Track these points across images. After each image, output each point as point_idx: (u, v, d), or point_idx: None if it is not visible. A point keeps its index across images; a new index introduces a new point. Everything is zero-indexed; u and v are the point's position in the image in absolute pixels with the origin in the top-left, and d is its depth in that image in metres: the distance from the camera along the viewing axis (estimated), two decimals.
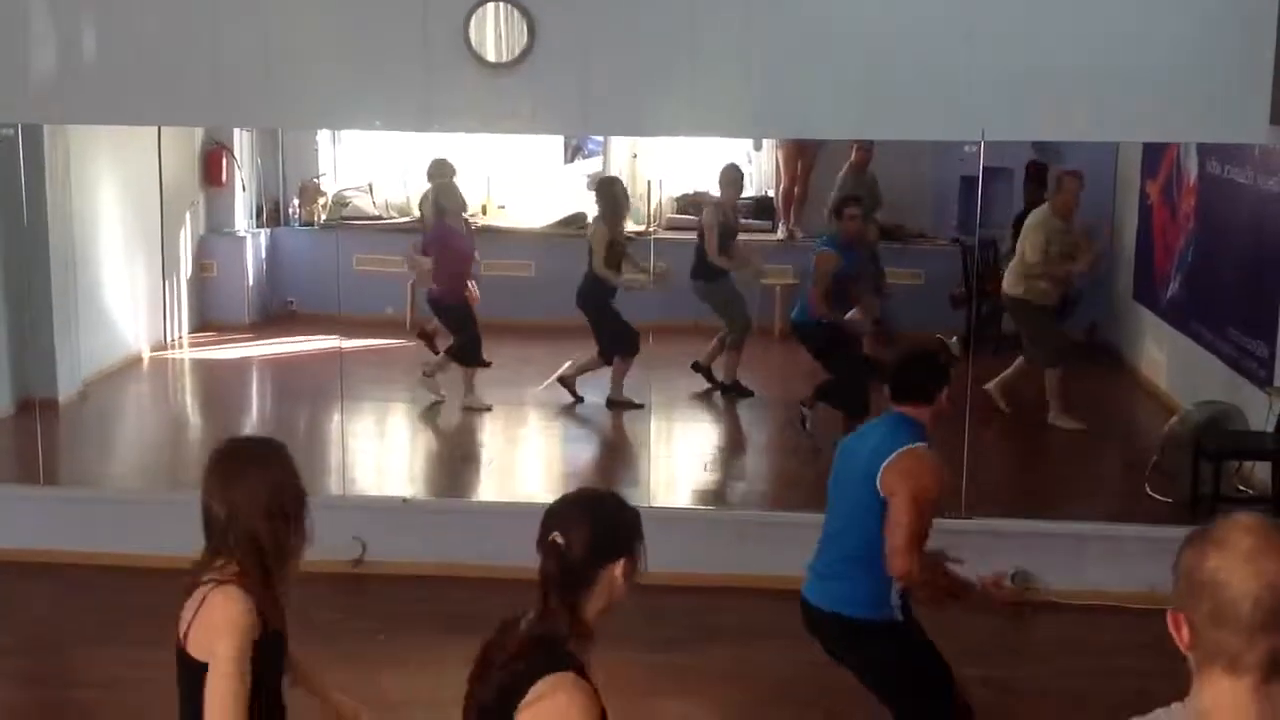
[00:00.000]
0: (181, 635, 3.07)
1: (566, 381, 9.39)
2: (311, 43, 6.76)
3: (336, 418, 8.66)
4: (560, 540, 2.72)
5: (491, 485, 8.37)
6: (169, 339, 10.74)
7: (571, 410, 9.37)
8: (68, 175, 9.01)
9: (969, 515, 6.76)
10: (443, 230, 9.49)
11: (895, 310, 9.70)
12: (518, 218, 12.04)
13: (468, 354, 9.28)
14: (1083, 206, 9.07)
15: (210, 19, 6.68)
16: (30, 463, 7.65)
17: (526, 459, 9.15)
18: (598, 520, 2.78)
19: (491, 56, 6.50)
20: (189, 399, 10.64)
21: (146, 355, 10.49)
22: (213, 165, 11.31)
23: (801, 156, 11.50)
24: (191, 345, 10.97)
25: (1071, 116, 6.49)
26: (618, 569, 2.75)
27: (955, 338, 9.94)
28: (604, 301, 9.22)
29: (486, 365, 9.30)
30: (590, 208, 11.08)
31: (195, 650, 3.04)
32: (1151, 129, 7.06)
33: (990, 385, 8.80)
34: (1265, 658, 1.92)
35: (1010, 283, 9.00)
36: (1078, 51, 6.37)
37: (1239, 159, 8.18)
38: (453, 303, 9.30)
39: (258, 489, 3.08)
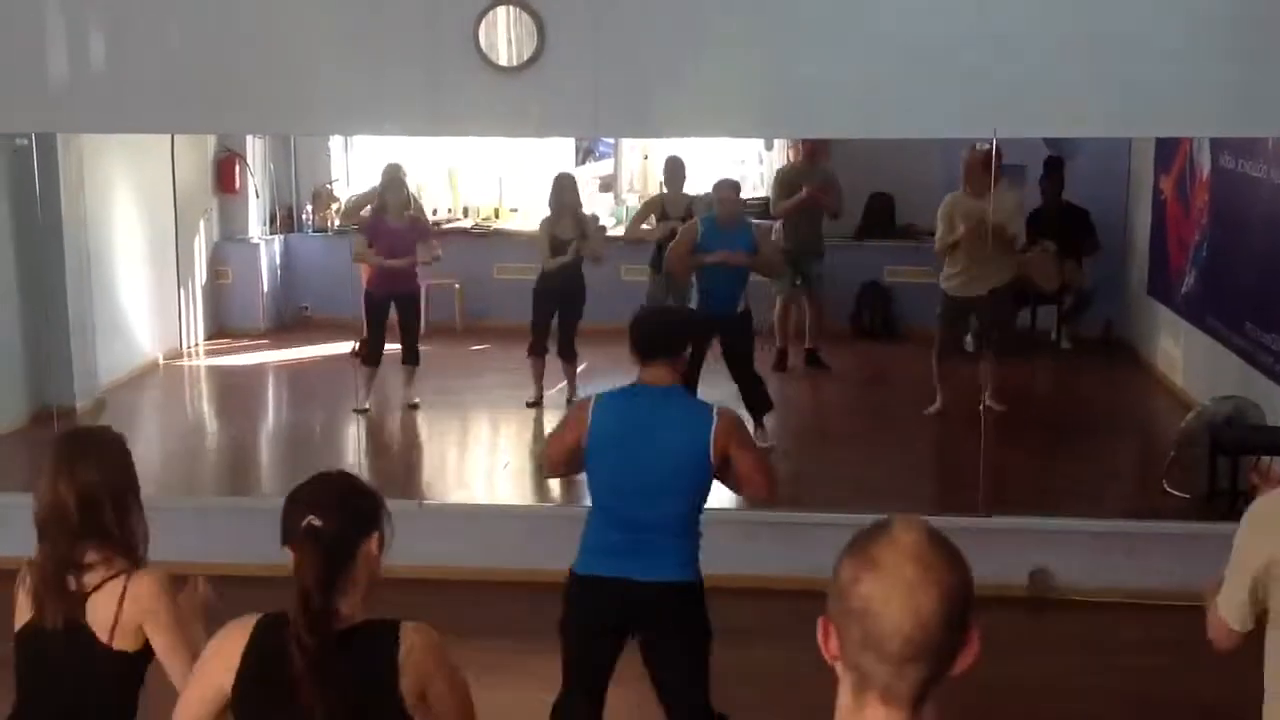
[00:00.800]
0: (107, 635, 3.14)
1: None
2: (322, 48, 6.78)
3: (352, 423, 8.67)
4: (318, 522, 2.69)
5: (510, 488, 8.37)
6: (185, 346, 10.78)
7: None
8: (82, 184, 9.04)
9: (988, 514, 6.75)
10: (378, 224, 9.25)
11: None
12: (529, 221, 12.03)
13: (414, 353, 9.19)
14: (1095, 201, 9.05)
15: (221, 27, 6.69)
16: None
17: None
18: (346, 495, 2.78)
19: (502, 60, 6.50)
20: (205, 406, 10.67)
21: (162, 363, 10.53)
22: (225, 172, 11.33)
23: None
24: (207, 352, 11.00)
25: (1084, 112, 6.47)
26: (373, 544, 2.76)
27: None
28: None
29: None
30: (601, 210, 11.10)
31: (122, 639, 3.14)
32: (1164, 124, 7.02)
33: (985, 399, 8.30)
34: (915, 687, 1.84)
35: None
36: (1089, 47, 6.35)
37: (1253, 153, 8.15)
38: (373, 292, 9.17)
39: (108, 472, 3.28)
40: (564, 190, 9.26)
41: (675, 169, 9.77)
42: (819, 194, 9.98)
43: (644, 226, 9.85)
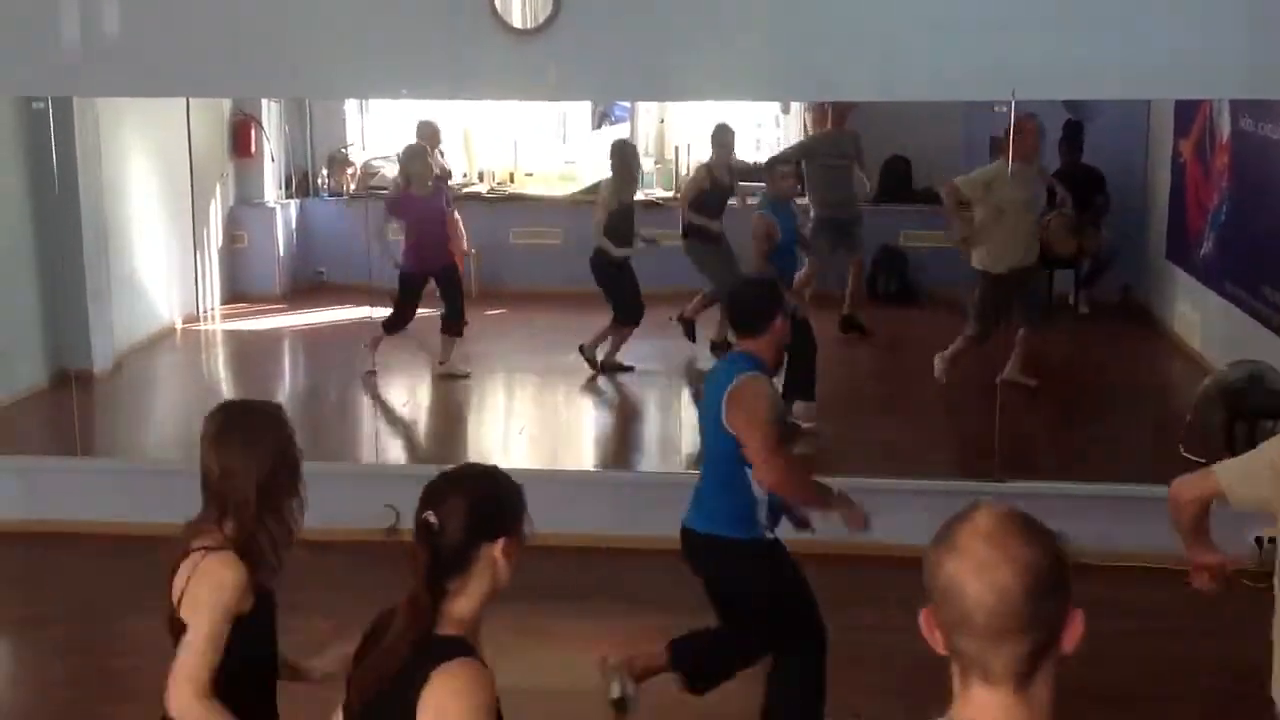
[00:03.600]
0: (175, 602, 3.09)
1: (585, 352, 9.36)
2: (338, 12, 6.76)
3: (367, 387, 8.69)
4: (433, 520, 2.56)
5: (524, 453, 8.39)
6: (201, 310, 10.79)
7: (601, 379, 9.35)
8: (98, 147, 9.05)
9: (1002, 479, 6.75)
10: (406, 199, 9.27)
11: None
12: (546, 185, 12.02)
13: (455, 324, 9.20)
14: (1113, 165, 8.97)
15: None
16: (66, 434, 7.72)
17: (557, 426, 9.16)
18: (475, 497, 2.61)
19: (517, 23, 6.48)
20: (222, 370, 10.70)
21: (179, 326, 10.55)
22: (241, 136, 11.32)
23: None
24: (223, 317, 11.02)
25: (1102, 74, 6.42)
26: (498, 549, 2.59)
27: None
28: (606, 269, 9.18)
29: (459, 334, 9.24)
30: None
31: (186, 611, 3.07)
32: (1183, 86, 6.97)
33: (1006, 374, 8.32)
34: (1013, 664, 1.89)
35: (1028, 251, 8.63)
36: (1108, 8, 6.30)
37: (1273, 115, 8.08)
38: (413, 272, 9.17)
39: (254, 452, 3.09)
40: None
41: (724, 136, 9.79)
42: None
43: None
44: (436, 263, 9.16)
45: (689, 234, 9.51)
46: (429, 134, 10.23)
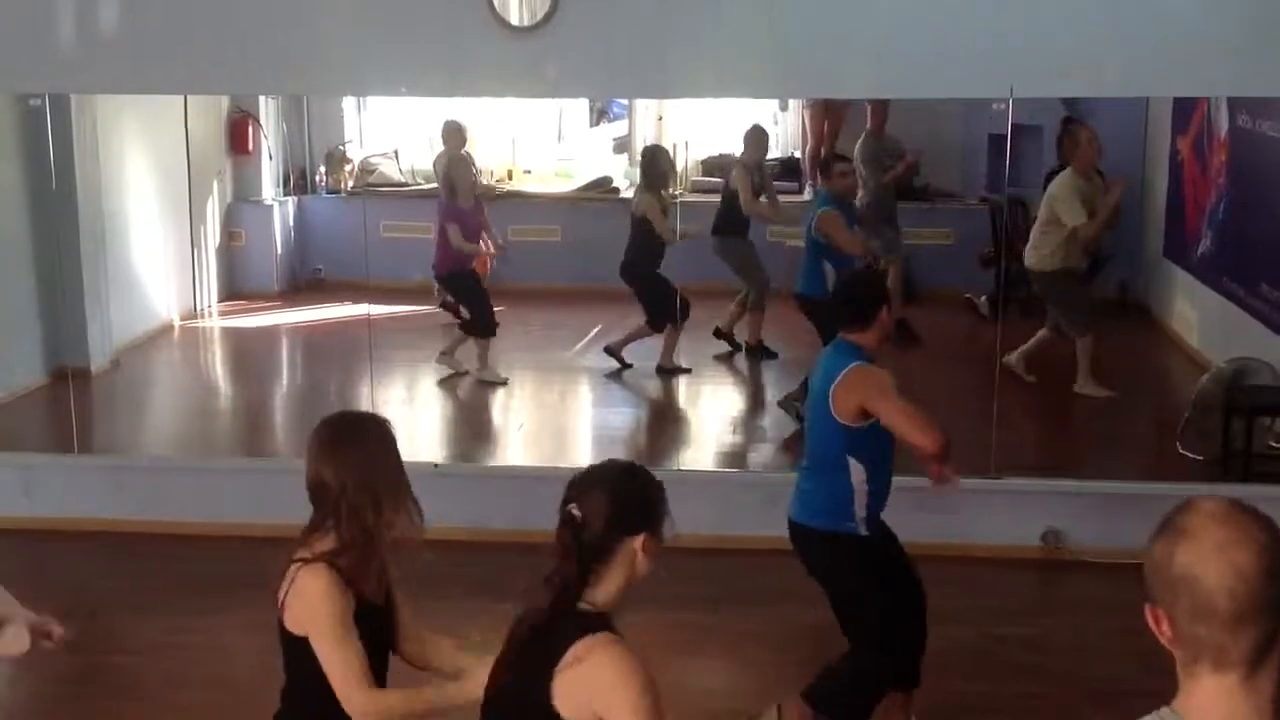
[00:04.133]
0: (279, 608, 3.13)
1: (614, 350, 9.37)
2: (336, 8, 6.75)
3: (366, 384, 8.67)
4: (577, 513, 2.66)
5: (522, 450, 8.39)
6: (199, 308, 10.79)
7: (599, 376, 9.36)
8: (95, 144, 9.03)
9: (999, 475, 6.75)
10: (450, 208, 9.30)
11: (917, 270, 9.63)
12: (544, 183, 12.01)
13: (478, 326, 9.25)
14: (1111, 163, 8.96)
15: None
16: (64, 431, 7.72)
17: (556, 424, 9.16)
18: (618, 492, 2.71)
19: (515, 20, 6.48)
20: (220, 367, 10.70)
21: (177, 324, 10.55)
22: (239, 133, 11.31)
23: (828, 117, 11.41)
24: (221, 314, 11.02)
25: (1101, 72, 6.42)
26: (638, 543, 2.69)
27: (984, 297, 9.92)
28: (652, 271, 9.17)
29: (492, 334, 9.27)
30: (615, 171, 11.07)
31: (291, 624, 3.10)
32: (1181, 83, 6.98)
33: (1011, 358, 8.45)
34: (1250, 650, 1.87)
35: (1041, 256, 8.53)
36: (1105, 6, 6.31)
37: (1270, 112, 8.09)
38: (456, 273, 9.23)
39: (354, 463, 3.10)
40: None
41: (760, 137, 9.85)
42: (912, 162, 9.97)
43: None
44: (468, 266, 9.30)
45: (723, 231, 9.50)
46: (460, 138, 10.11)
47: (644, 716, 2.55)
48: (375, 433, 3.20)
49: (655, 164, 9.42)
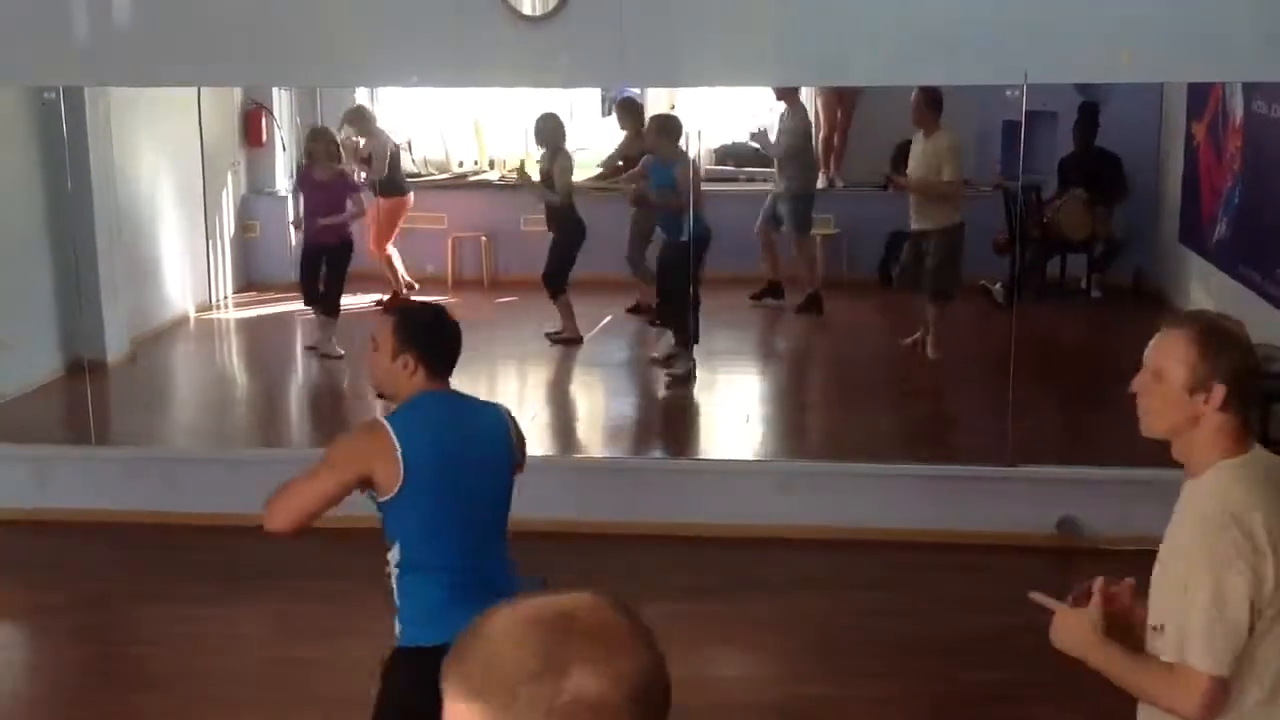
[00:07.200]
0: None
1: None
2: (348, 1, 6.76)
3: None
4: None
5: (536, 439, 8.39)
6: (214, 299, 10.81)
7: (610, 363, 9.35)
8: (110, 137, 9.06)
9: (1014, 464, 6.74)
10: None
11: None
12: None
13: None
14: (1127, 148, 8.92)
15: None
16: (81, 423, 7.75)
17: (572, 411, 9.17)
18: None
19: (527, 9, 6.47)
20: (235, 358, 10.73)
21: (192, 315, 10.58)
22: (253, 125, 11.34)
23: (841, 105, 11.40)
24: (236, 305, 11.04)
25: (1115, 57, 6.39)
26: None
27: (999, 284, 9.89)
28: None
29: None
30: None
31: None
32: (1196, 69, 6.94)
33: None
34: None
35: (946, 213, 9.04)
36: None
37: None
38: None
39: None
40: None
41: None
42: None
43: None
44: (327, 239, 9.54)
45: None
46: (354, 118, 10.50)
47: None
48: None
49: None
